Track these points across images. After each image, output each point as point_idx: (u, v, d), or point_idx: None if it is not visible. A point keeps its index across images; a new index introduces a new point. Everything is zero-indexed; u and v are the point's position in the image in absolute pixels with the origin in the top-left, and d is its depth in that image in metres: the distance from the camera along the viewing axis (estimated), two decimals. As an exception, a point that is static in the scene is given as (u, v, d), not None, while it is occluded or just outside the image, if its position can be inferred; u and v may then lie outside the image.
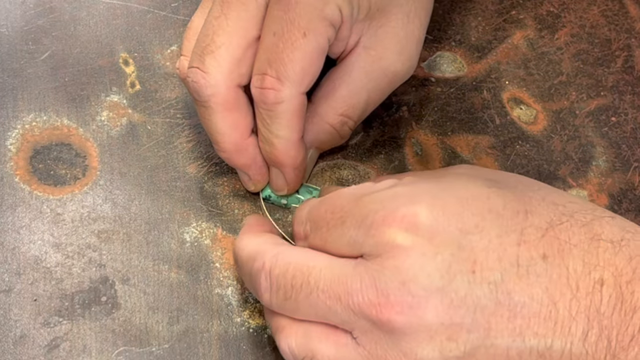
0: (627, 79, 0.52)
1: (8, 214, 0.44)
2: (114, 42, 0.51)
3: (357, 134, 0.48)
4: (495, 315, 0.33)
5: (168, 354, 0.41)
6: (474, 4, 0.54)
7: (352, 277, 0.34)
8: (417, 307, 0.33)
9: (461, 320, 0.33)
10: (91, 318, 0.41)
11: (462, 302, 0.33)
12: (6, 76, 0.49)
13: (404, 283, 0.33)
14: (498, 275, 0.33)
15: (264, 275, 0.36)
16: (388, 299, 0.33)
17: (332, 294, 0.34)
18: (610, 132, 0.49)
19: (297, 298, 0.35)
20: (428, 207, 0.34)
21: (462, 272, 0.33)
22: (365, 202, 0.36)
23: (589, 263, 0.34)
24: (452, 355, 0.33)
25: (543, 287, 0.33)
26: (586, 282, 0.33)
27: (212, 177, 0.46)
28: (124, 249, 0.44)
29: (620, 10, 0.54)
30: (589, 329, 0.33)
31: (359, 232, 0.35)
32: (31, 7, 0.52)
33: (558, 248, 0.34)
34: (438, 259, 0.33)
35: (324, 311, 0.35)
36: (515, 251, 0.34)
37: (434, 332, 0.33)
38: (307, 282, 0.35)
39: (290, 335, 0.36)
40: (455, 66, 0.51)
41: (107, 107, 0.48)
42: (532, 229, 0.34)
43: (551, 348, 0.33)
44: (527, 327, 0.33)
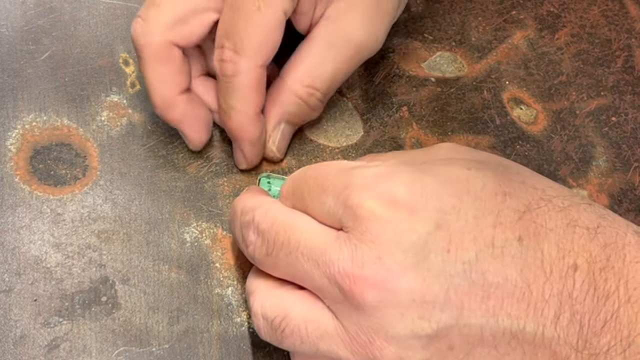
0: (627, 79, 0.52)
1: (8, 214, 0.44)
2: (114, 42, 0.51)
3: (357, 134, 0.48)
4: (469, 295, 0.33)
5: (168, 354, 0.41)
6: (474, 4, 0.54)
7: (331, 247, 0.34)
8: (390, 281, 0.33)
9: (434, 298, 0.33)
10: (91, 318, 0.41)
11: (435, 280, 0.33)
12: (6, 76, 0.49)
13: (380, 257, 0.33)
14: (473, 255, 0.33)
15: (252, 228, 0.37)
16: (362, 271, 0.33)
17: (311, 259, 0.35)
18: (610, 132, 0.49)
19: (277, 255, 0.36)
20: (407, 186, 0.34)
21: (437, 250, 0.33)
22: (348, 175, 0.36)
23: (564, 248, 0.34)
24: (423, 334, 0.33)
25: (517, 269, 0.33)
26: (560, 266, 0.33)
27: (212, 177, 0.46)
28: (124, 249, 0.44)
29: (621, 10, 0.54)
30: (561, 312, 0.33)
31: (338, 202, 0.35)
32: (31, 7, 0.52)
33: (534, 231, 0.34)
34: (414, 236, 0.33)
35: (302, 273, 0.35)
36: (491, 232, 0.34)
37: (406, 310, 0.33)
38: (288, 241, 0.35)
39: (265, 297, 0.37)
40: (455, 66, 0.51)
41: (107, 107, 0.48)
42: (509, 211, 0.34)
43: (524, 330, 0.33)
44: (501, 307, 0.33)
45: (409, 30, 0.53)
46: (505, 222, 0.34)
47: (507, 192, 0.35)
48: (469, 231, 0.34)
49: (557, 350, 0.33)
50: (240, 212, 0.39)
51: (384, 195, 0.34)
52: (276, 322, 0.36)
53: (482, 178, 0.35)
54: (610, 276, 0.33)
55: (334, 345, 0.35)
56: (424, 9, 0.54)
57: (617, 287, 0.33)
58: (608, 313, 0.33)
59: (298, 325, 0.35)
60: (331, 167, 0.37)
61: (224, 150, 0.47)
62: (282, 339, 0.36)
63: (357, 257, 0.33)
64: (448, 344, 0.33)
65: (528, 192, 0.35)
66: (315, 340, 0.35)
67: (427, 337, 0.33)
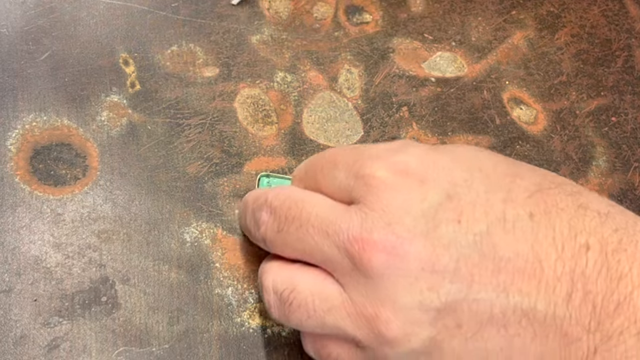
0: (627, 79, 0.52)
1: (8, 214, 0.44)
2: (114, 42, 0.51)
3: (357, 134, 0.48)
4: (479, 267, 0.32)
5: (168, 354, 0.41)
6: (474, 4, 0.54)
7: (342, 217, 0.34)
8: (399, 247, 0.32)
9: (443, 268, 0.32)
10: (91, 318, 0.41)
11: (445, 250, 0.32)
12: (6, 76, 0.49)
13: (390, 224, 0.33)
14: (484, 227, 0.33)
15: (265, 208, 0.37)
16: (371, 236, 0.33)
17: (321, 230, 0.34)
18: (610, 132, 0.49)
19: (288, 230, 0.36)
20: (419, 158, 0.34)
21: (447, 220, 0.33)
22: (359, 149, 0.36)
23: (575, 227, 0.33)
24: (432, 306, 0.32)
25: (529, 244, 0.33)
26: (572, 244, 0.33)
27: (212, 177, 0.46)
28: (124, 249, 0.44)
29: (621, 10, 0.54)
30: (573, 291, 0.32)
31: (349, 175, 0.35)
32: (31, 7, 0.52)
33: (545, 209, 0.33)
34: (425, 204, 0.33)
35: (311, 246, 0.35)
36: (502, 207, 0.33)
37: (414, 279, 0.32)
38: (300, 215, 0.35)
39: (276, 273, 0.37)
40: (455, 66, 0.51)
41: (107, 107, 0.48)
42: (520, 190, 0.34)
43: (535, 308, 0.32)
44: (512, 282, 0.32)
45: (409, 30, 0.53)
46: (516, 199, 0.34)
47: (517, 174, 0.35)
48: (480, 204, 0.33)
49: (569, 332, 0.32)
50: (253, 200, 0.39)
51: (396, 164, 0.34)
52: (285, 294, 0.36)
53: (494, 159, 0.35)
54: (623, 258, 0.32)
55: (340, 320, 0.34)
56: (424, 9, 0.54)
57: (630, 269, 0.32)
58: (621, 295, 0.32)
59: (305, 298, 0.35)
60: (342, 147, 0.38)
61: (223, 151, 0.47)
62: (289, 314, 0.36)
63: (367, 223, 0.33)
64: (456, 320, 0.32)
65: (538, 177, 0.35)
66: (322, 314, 0.35)
67: (435, 311, 0.32)
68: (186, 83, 0.50)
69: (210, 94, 0.49)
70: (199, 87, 0.50)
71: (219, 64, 0.51)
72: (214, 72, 0.50)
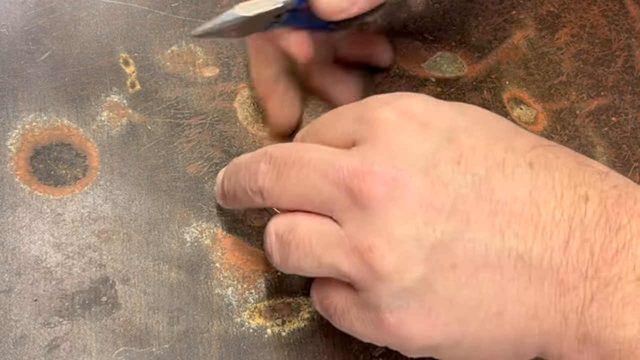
0: (627, 79, 0.52)
1: (8, 214, 0.44)
2: (114, 42, 0.51)
3: (357, 134, 0.49)
4: (476, 208, 0.33)
5: (168, 354, 0.41)
6: (474, 4, 0.54)
7: (342, 156, 0.35)
8: (399, 179, 0.33)
9: (441, 205, 0.33)
10: (91, 318, 0.41)
11: (443, 188, 0.33)
12: (6, 76, 0.49)
13: (390, 158, 0.33)
14: (483, 170, 0.33)
15: (265, 158, 0.37)
16: (372, 168, 0.33)
17: (321, 171, 0.35)
18: (610, 132, 0.49)
19: (288, 174, 0.36)
20: (422, 104, 0.35)
21: (447, 160, 0.33)
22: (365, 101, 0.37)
23: (575, 178, 0.33)
24: (427, 242, 0.32)
25: (527, 190, 0.33)
26: (571, 194, 0.33)
27: (212, 177, 0.46)
28: (124, 249, 0.44)
29: (621, 10, 0.54)
30: (571, 238, 0.32)
31: (354, 120, 0.36)
32: (31, 7, 0.52)
33: (545, 161, 0.34)
34: (426, 144, 0.34)
35: (311, 189, 0.35)
36: (502, 155, 0.34)
37: (411, 213, 0.33)
38: (300, 158, 0.35)
39: (279, 218, 0.37)
40: (455, 66, 0.51)
41: (107, 107, 0.48)
42: (521, 142, 0.34)
43: (531, 252, 0.32)
44: (508, 225, 0.32)
45: (409, 30, 0.53)
46: (517, 149, 0.34)
47: (518, 131, 0.35)
48: (480, 149, 0.34)
49: (565, 279, 0.32)
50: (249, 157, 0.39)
51: (400, 107, 0.35)
52: (285, 237, 0.36)
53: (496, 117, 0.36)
54: (622, 211, 0.32)
55: (336, 257, 0.34)
56: (424, 9, 0.54)
57: (629, 221, 0.32)
58: (620, 243, 0.32)
59: (303, 237, 0.35)
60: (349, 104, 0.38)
61: (223, 151, 0.47)
62: (288, 255, 0.36)
63: (368, 158, 0.34)
64: (451, 260, 0.32)
65: (540, 138, 0.36)
66: (319, 251, 0.35)
67: (430, 247, 0.32)
68: (186, 83, 0.50)
69: (210, 94, 0.49)
70: (199, 87, 0.50)
71: (219, 64, 0.51)
72: (214, 72, 0.50)
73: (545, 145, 0.35)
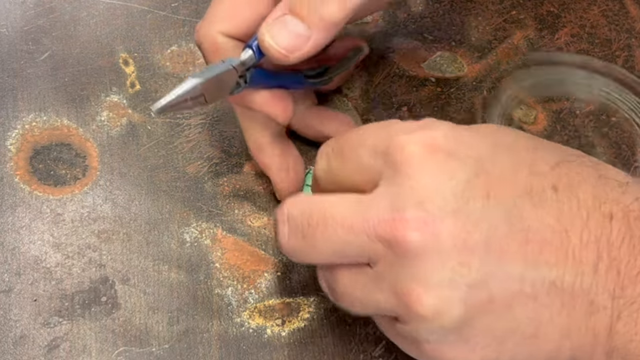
0: (627, 79, 0.52)
1: (8, 214, 0.44)
2: (114, 42, 0.51)
3: (357, 134, 0.48)
4: (508, 241, 0.33)
5: (168, 354, 0.41)
6: (474, 4, 0.54)
7: (370, 203, 0.34)
8: (432, 224, 0.33)
9: (474, 243, 0.33)
10: (91, 318, 0.41)
11: (475, 225, 0.33)
12: (6, 76, 0.49)
13: (421, 202, 0.33)
14: (511, 201, 0.33)
15: (281, 219, 0.37)
16: (404, 215, 0.33)
17: (348, 224, 0.34)
18: (610, 132, 0.49)
19: (314, 235, 0.35)
20: (445, 133, 0.35)
21: (476, 196, 0.33)
22: (387, 127, 0.36)
23: (598, 197, 0.34)
24: (463, 281, 0.33)
25: (555, 215, 0.33)
26: (596, 214, 0.33)
27: (212, 177, 0.46)
28: (124, 249, 0.44)
29: (621, 10, 0.54)
30: (599, 260, 0.33)
31: (377, 152, 0.35)
32: (31, 7, 0.52)
33: (568, 182, 0.34)
34: (453, 182, 0.33)
35: (340, 245, 0.35)
36: (526, 181, 0.34)
37: (447, 256, 0.33)
38: (324, 217, 0.35)
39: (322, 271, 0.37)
40: (455, 66, 0.51)
41: (107, 107, 0.48)
42: (542, 162, 0.35)
43: (563, 278, 0.33)
44: (540, 253, 0.33)
45: (409, 30, 0.53)
46: (540, 172, 0.34)
47: (537, 147, 0.35)
48: (506, 179, 0.34)
49: (595, 300, 0.33)
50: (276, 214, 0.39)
51: (423, 140, 0.34)
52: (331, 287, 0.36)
53: (513, 134, 0.36)
54: None
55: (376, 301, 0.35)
56: (424, 9, 0.54)
57: None
58: None
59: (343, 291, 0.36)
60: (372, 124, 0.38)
61: (223, 151, 0.47)
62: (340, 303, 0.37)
63: (398, 202, 0.33)
64: (487, 295, 0.33)
65: (557, 149, 0.36)
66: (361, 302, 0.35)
67: (466, 286, 0.33)
68: (186, 83, 0.50)
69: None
70: (199, 87, 0.49)
71: (219, 64, 0.50)
72: (214, 72, 0.50)
73: (566, 160, 0.35)
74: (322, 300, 0.42)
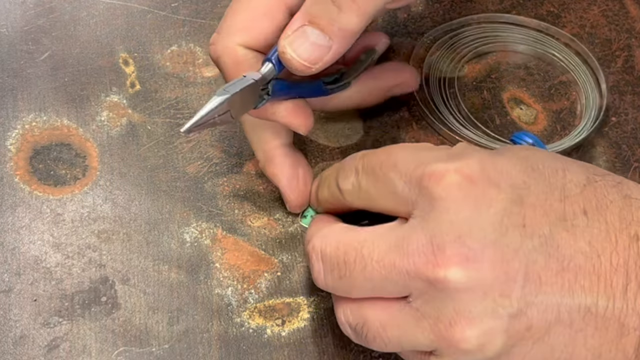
0: (627, 79, 0.52)
1: (8, 214, 0.44)
2: (114, 42, 0.51)
3: (357, 134, 0.48)
4: (546, 269, 0.33)
5: (168, 354, 0.41)
6: (474, 4, 0.54)
7: (407, 239, 0.34)
8: (472, 258, 0.33)
9: (514, 273, 0.33)
10: (91, 318, 0.41)
11: (514, 255, 0.33)
12: (6, 76, 0.49)
13: (460, 237, 0.33)
14: (547, 228, 0.34)
15: (314, 256, 0.37)
16: (444, 253, 0.33)
17: (387, 262, 0.34)
18: (610, 132, 0.49)
19: (352, 274, 0.35)
20: (480, 163, 0.35)
21: (513, 226, 0.33)
22: (420, 154, 0.36)
23: (625, 219, 0.34)
24: (505, 312, 0.33)
25: (586, 240, 0.34)
26: (624, 237, 0.34)
27: (212, 177, 0.46)
28: (124, 249, 0.44)
29: (621, 10, 0.54)
30: (628, 282, 0.33)
31: (411, 184, 0.35)
32: (31, 7, 0.52)
33: (596, 204, 0.35)
34: (491, 212, 0.34)
35: (380, 282, 0.35)
36: (559, 207, 0.34)
37: (489, 288, 0.33)
38: (361, 255, 0.35)
39: (346, 305, 0.37)
40: (455, 66, 0.51)
41: (107, 107, 0.48)
42: (572, 185, 0.35)
43: (597, 303, 0.33)
44: (575, 280, 0.33)
45: (408, 30, 0.53)
46: (570, 196, 0.34)
47: (565, 168, 0.36)
48: (540, 206, 0.34)
49: (626, 322, 0.33)
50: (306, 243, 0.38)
51: (459, 171, 0.34)
52: (358, 329, 0.36)
53: (541, 156, 0.36)
54: None
55: (415, 339, 0.35)
56: (424, 9, 0.54)
57: None
58: None
59: (377, 330, 0.35)
60: (401, 147, 0.38)
61: (223, 151, 0.47)
62: (368, 343, 0.36)
63: (437, 239, 0.33)
64: (527, 323, 0.33)
65: (582, 168, 0.36)
66: (397, 341, 0.35)
67: (508, 317, 0.33)
68: (186, 83, 0.50)
69: (210, 94, 0.49)
70: (199, 87, 0.50)
71: (219, 64, 0.50)
72: (214, 72, 0.50)
73: (592, 183, 0.35)
74: (322, 300, 0.42)
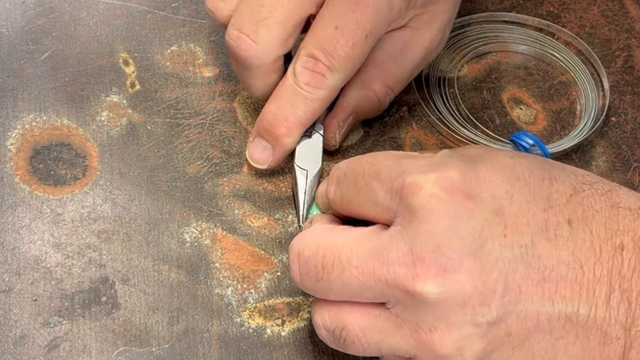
0: (627, 79, 0.52)
1: (8, 214, 0.44)
2: (114, 42, 0.51)
3: (357, 134, 0.48)
4: (526, 279, 0.33)
5: (168, 354, 0.41)
6: (474, 4, 0.54)
7: (388, 247, 0.34)
8: (450, 268, 0.33)
9: (493, 283, 0.33)
10: (91, 318, 0.41)
11: (494, 266, 0.33)
12: (6, 76, 0.49)
13: (439, 247, 0.33)
14: (528, 239, 0.34)
15: (291, 256, 0.37)
16: (423, 263, 0.33)
17: (366, 269, 0.34)
18: (610, 132, 0.49)
19: (329, 278, 0.35)
20: (462, 172, 0.35)
21: (493, 235, 0.34)
22: (402, 164, 0.36)
23: (611, 228, 0.34)
24: (483, 320, 0.33)
25: (570, 250, 0.34)
26: (608, 246, 0.34)
27: (212, 177, 0.46)
28: (124, 249, 0.44)
29: (620, 10, 0.54)
30: (611, 292, 0.33)
31: (392, 193, 0.35)
32: (31, 7, 0.52)
33: (582, 214, 0.34)
34: (471, 223, 0.34)
35: (357, 288, 0.35)
36: (543, 216, 0.34)
37: (467, 298, 0.33)
38: (339, 260, 0.35)
39: (324, 308, 0.37)
40: (455, 66, 0.51)
41: (107, 107, 0.48)
42: (558, 195, 0.35)
43: (578, 312, 0.33)
44: (556, 290, 0.33)
45: (409, 30, 0.53)
46: (555, 206, 0.34)
47: (552, 177, 0.35)
48: (522, 215, 0.34)
49: (608, 331, 0.34)
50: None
51: (440, 181, 0.34)
52: (337, 333, 0.36)
53: (527, 165, 0.36)
54: None
55: (394, 344, 0.35)
56: (424, 9, 0.54)
57: None
58: None
59: (356, 334, 0.36)
60: (384, 155, 0.38)
61: (223, 151, 0.47)
62: (345, 348, 0.36)
63: (416, 249, 0.33)
64: (506, 329, 0.34)
65: (571, 177, 0.36)
66: (375, 343, 0.35)
67: (487, 324, 0.33)
68: (186, 83, 0.50)
69: (210, 94, 0.49)
70: (199, 87, 0.50)
71: (219, 64, 0.51)
72: (214, 72, 0.50)
73: (579, 192, 0.35)
74: (322, 300, 0.42)
